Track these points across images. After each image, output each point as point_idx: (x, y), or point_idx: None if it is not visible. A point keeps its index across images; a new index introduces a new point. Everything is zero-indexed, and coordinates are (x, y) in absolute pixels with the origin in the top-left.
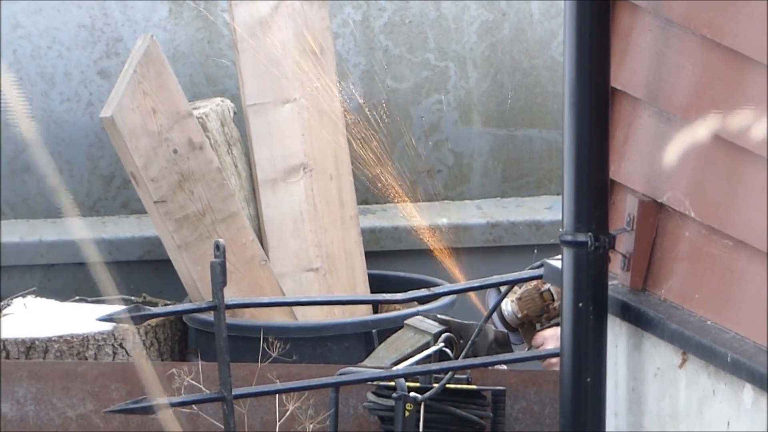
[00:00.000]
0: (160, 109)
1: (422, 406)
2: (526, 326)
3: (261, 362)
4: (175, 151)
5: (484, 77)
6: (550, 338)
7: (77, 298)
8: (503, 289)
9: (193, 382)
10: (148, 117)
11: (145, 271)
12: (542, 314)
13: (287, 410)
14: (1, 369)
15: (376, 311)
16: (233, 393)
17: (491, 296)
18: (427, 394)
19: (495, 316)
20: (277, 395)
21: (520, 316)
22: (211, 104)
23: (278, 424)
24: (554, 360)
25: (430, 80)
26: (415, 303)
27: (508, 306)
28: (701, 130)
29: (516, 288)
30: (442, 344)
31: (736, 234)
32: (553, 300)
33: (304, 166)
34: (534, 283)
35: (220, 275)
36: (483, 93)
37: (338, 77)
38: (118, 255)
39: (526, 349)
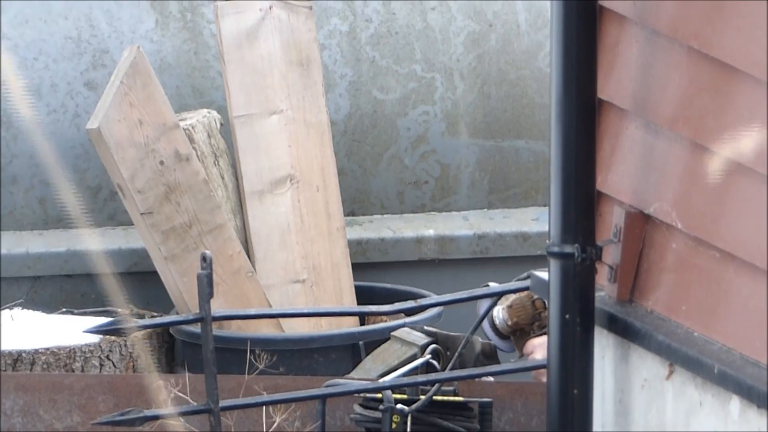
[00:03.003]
0: (147, 120)
1: (409, 418)
2: (518, 334)
3: (248, 374)
4: (161, 163)
5: (470, 88)
6: (539, 347)
7: (64, 310)
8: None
9: (180, 394)
10: (134, 128)
11: (131, 282)
12: (533, 322)
13: (274, 422)
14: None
15: (362, 323)
16: (220, 405)
17: (483, 305)
18: (414, 406)
19: (486, 324)
20: (264, 407)
21: (510, 323)
22: (197, 116)
23: None
24: (544, 370)
25: (416, 91)
26: (402, 315)
27: (499, 313)
28: (688, 142)
29: (510, 295)
30: (429, 356)
31: (723, 245)
32: (545, 308)
33: (290, 177)
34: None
35: (206, 287)
36: (470, 104)
37: (325, 88)
38: (104, 267)
39: (517, 357)
